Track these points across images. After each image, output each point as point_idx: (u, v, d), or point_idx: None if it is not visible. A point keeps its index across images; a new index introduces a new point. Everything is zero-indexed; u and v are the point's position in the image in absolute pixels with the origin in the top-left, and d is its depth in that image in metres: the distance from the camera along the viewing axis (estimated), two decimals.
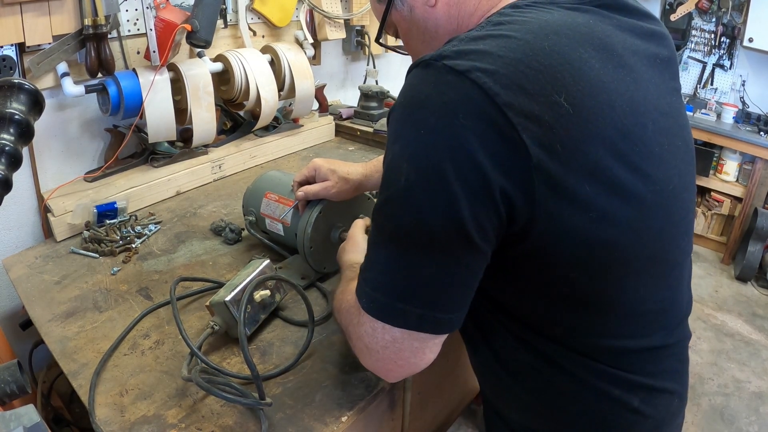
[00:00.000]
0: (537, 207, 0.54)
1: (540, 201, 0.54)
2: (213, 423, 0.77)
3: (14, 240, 1.33)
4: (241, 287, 0.90)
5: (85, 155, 1.44)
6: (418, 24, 0.73)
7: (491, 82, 0.52)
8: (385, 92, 1.93)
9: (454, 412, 1.36)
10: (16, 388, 0.71)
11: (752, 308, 2.75)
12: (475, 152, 0.51)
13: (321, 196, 1.01)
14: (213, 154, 1.58)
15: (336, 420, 0.77)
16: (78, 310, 1.01)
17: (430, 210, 0.54)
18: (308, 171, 1.03)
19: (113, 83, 1.29)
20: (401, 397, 1.02)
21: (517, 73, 0.52)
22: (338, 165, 1.02)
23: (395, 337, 0.62)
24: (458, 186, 0.52)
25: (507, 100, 0.51)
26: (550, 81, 0.53)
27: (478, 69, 0.52)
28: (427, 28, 0.72)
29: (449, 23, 0.70)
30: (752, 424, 2.04)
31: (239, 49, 1.58)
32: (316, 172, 1.02)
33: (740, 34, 3.06)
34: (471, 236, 0.55)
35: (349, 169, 1.02)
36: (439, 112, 0.53)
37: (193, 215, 1.38)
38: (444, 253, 0.56)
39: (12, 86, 1.06)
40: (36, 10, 1.18)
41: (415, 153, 0.54)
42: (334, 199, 1.02)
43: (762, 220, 2.87)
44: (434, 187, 0.53)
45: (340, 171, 1.01)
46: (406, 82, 0.59)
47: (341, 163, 1.03)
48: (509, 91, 0.52)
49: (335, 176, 1.00)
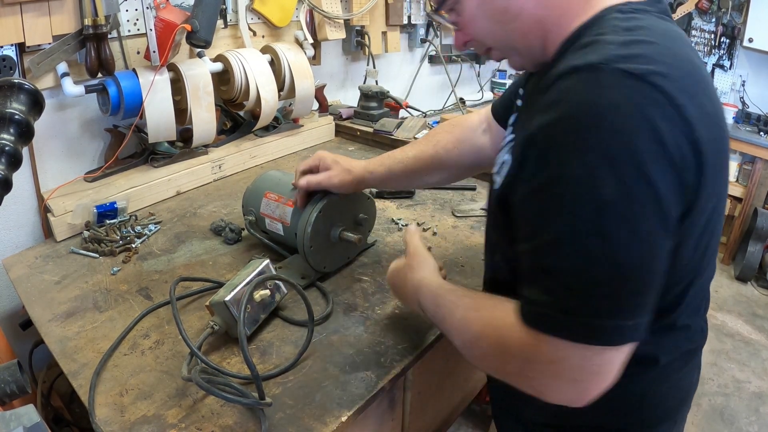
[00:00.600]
0: (696, 202, 0.56)
1: (700, 196, 0.55)
2: (213, 423, 0.77)
3: (14, 240, 1.33)
4: (241, 287, 0.90)
5: (85, 155, 1.44)
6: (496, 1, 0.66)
7: (668, 85, 0.52)
8: (385, 92, 1.93)
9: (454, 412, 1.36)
10: (16, 388, 0.72)
11: (752, 308, 2.75)
12: (671, 152, 0.51)
13: (323, 185, 1.01)
14: (213, 154, 1.58)
15: (336, 420, 0.77)
16: (78, 310, 1.01)
17: (641, 216, 0.51)
18: (312, 161, 1.04)
19: (113, 83, 1.29)
20: (401, 397, 1.02)
21: (680, 77, 0.53)
22: (342, 158, 1.04)
23: (607, 358, 0.55)
24: (662, 186, 0.51)
25: (682, 103, 0.52)
26: (699, 85, 0.56)
27: (653, 72, 0.52)
28: (509, 7, 0.65)
29: (536, 9, 0.64)
30: (752, 424, 2.04)
31: (239, 49, 1.58)
32: (320, 163, 1.03)
33: (740, 34, 3.07)
34: (670, 238, 0.55)
35: (352, 163, 1.03)
36: (633, 115, 0.51)
37: (193, 215, 1.38)
38: (654, 258, 0.54)
39: (12, 86, 1.07)
40: (36, 10, 1.18)
41: (617, 157, 0.51)
42: (335, 189, 1.02)
43: (762, 221, 2.87)
44: (643, 190, 0.51)
45: (343, 163, 1.02)
46: (569, 86, 0.54)
47: (345, 158, 1.05)
48: (681, 94, 0.52)
49: (338, 167, 1.02)
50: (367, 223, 1.15)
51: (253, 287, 0.88)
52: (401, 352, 0.90)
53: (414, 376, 1.02)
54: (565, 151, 0.53)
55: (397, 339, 0.93)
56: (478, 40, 0.72)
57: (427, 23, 2.48)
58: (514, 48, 0.70)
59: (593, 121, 0.51)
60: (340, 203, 1.06)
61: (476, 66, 2.90)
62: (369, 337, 0.94)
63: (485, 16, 0.68)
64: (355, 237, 1.05)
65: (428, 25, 2.49)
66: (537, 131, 0.56)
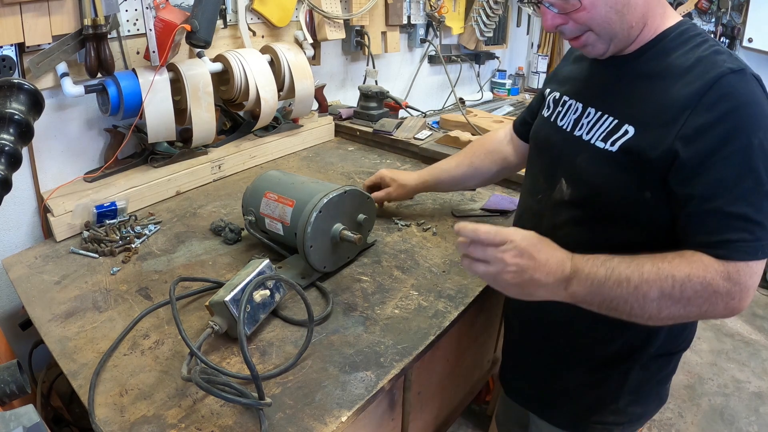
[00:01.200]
0: None
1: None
2: (213, 423, 0.77)
3: (14, 240, 1.33)
4: (241, 287, 0.90)
5: (84, 155, 1.44)
6: None
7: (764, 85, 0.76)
8: (384, 92, 1.93)
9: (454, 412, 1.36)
10: (16, 388, 0.71)
11: (752, 308, 2.75)
12: None
13: (383, 199, 1.33)
14: (213, 154, 1.58)
15: (336, 420, 0.77)
16: (78, 310, 1.01)
17: None
18: (375, 178, 1.35)
19: (113, 83, 1.29)
20: (401, 397, 1.02)
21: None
22: (399, 174, 1.31)
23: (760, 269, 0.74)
24: None
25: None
26: None
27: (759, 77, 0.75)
28: (630, 1, 0.78)
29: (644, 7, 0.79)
30: (752, 424, 2.04)
31: (239, 50, 1.58)
32: (381, 180, 1.33)
33: (740, 34, 3.07)
34: None
35: (407, 178, 1.30)
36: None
37: (193, 215, 1.38)
38: None
39: (12, 86, 1.07)
40: (36, 10, 1.18)
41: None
42: (395, 200, 1.36)
43: None
44: None
45: (399, 179, 1.30)
46: (733, 84, 0.73)
47: (400, 173, 1.32)
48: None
49: (395, 183, 1.30)
50: (367, 223, 1.15)
51: (253, 287, 0.88)
52: (401, 352, 0.90)
53: (414, 376, 1.03)
54: (749, 130, 0.72)
55: (397, 339, 0.93)
56: (588, 25, 0.80)
57: (427, 23, 2.48)
58: (616, 36, 0.81)
59: (759, 110, 0.73)
60: (340, 204, 1.06)
61: (476, 66, 2.90)
62: (369, 337, 0.94)
63: (608, 4, 0.77)
64: (355, 237, 1.05)
65: (428, 25, 2.49)
66: (721, 116, 0.72)
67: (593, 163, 0.85)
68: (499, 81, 3.03)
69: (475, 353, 1.36)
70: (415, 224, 1.33)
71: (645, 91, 0.80)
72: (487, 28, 2.66)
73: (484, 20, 2.63)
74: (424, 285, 1.09)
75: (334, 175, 1.63)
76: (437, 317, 0.99)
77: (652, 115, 0.78)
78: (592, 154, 0.85)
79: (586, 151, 0.86)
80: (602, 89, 0.88)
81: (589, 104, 0.88)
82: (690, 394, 2.17)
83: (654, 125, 0.77)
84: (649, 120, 0.78)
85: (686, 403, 2.12)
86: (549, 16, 0.81)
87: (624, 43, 0.82)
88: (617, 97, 0.84)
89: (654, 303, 0.74)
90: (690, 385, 2.22)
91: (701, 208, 0.74)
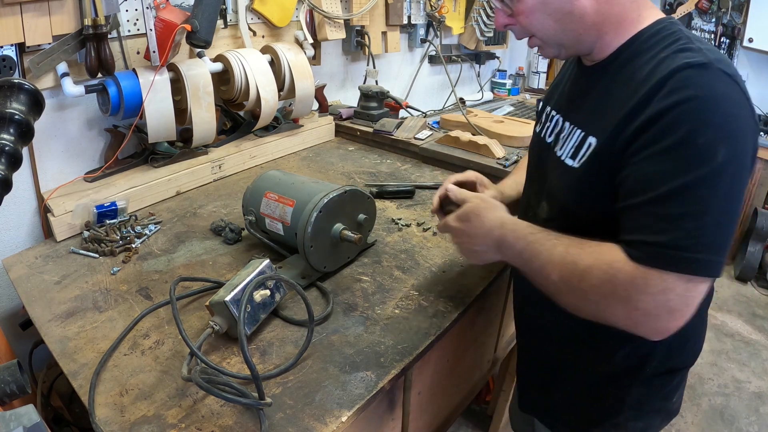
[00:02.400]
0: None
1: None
2: (213, 423, 0.77)
3: (14, 240, 1.33)
4: (241, 287, 0.90)
5: (85, 155, 1.44)
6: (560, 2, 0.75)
7: (743, 85, 0.69)
8: (385, 92, 1.93)
9: (454, 412, 1.36)
10: (16, 388, 0.72)
11: (752, 308, 2.75)
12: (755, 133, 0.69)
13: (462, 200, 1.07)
14: (213, 154, 1.58)
15: (336, 420, 0.77)
16: (78, 310, 1.01)
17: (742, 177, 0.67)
18: (465, 176, 1.09)
19: (113, 83, 1.29)
20: (401, 397, 1.02)
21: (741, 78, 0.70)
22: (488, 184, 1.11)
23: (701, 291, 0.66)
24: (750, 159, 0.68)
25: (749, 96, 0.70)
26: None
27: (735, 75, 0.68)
28: (573, 11, 0.75)
29: (596, 17, 0.75)
30: (752, 424, 2.04)
31: (239, 49, 1.58)
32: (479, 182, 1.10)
33: (740, 34, 3.06)
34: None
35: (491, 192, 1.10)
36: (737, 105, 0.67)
37: (193, 215, 1.38)
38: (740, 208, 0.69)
39: (12, 86, 1.07)
40: (36, 10, 1.18)
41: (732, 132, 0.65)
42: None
43: (762, 221, 2.87)
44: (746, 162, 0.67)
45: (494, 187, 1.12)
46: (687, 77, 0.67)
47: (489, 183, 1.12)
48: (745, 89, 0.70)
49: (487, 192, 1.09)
50: (367, 223, 1.15)
51: (253, 287, 0.88)
52: (401, 352, 0.90)
53: (414, 376, 1.02)
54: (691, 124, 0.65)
55: (397, 339, 0.93)
56: (528, 30, 0.80)
57: (427, 23, 2.48)
58: (561, 44, 0.80)
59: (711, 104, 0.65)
60: (340, 204, 1.06)
61: (476, 66, 2.90)
62: (369, 337, 0.94)
63: (546, 12, 0.76)
64: (355, 237, 1.05)
65: (428, 25, 2.49)
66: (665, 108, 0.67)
67: (562, 180, 0.83)
68: (499, 81, 3.03)
69: (475, 353, 1.36)
70: (415, 224, 1.33)
71: (610, 99, 0.76)
72: (488, 28, 2.66)
73: (484, 20, 2.63)
74: (425, 285, 1.09)
75: (334, 175, 1.63)
76: (437, 317, 0.99)
77: (609, 123, 0.74)
78: (561, 172, 0.83)
79: (559, 168, 0.84)
80: (579, 100, 0.85)
81: (566, 118, 0.87)
82: (690, 394, 2.17)
83: (610, 134, 0.73)
84: (607, 128, 0.74)
85: (686, 403, 2.12)
86: (499, 15, 0.82)
87: (581, 50, 0.80)
88: (587, 108, 0.82)
89: (553, 286, 0.75)
90: (690, 385, 2.22)
91: (625, 204, 0.70)
